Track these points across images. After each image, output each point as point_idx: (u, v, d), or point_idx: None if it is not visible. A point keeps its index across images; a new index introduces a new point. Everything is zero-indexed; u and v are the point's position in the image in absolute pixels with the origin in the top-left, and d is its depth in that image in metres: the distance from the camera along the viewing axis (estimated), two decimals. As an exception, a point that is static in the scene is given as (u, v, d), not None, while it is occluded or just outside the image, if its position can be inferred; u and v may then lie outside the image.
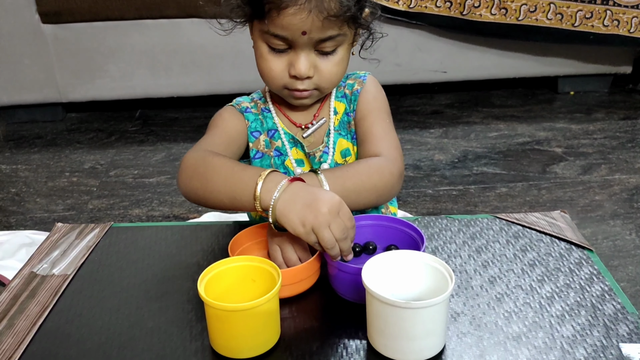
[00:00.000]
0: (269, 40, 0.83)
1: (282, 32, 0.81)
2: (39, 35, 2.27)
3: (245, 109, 0.96)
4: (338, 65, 0.86)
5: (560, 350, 0.65)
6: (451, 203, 1.82)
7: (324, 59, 0.85)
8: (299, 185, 0.75)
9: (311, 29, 0.80)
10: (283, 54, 0.84)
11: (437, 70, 2.47)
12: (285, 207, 0.73)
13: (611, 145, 2.17)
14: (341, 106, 0.96)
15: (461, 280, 0.77)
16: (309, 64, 0.84)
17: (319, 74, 0.85)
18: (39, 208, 1.85)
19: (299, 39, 0.81)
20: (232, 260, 0.70)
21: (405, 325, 0.63)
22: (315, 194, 0.73)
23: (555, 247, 0.84)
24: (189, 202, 1.84)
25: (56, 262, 0.84)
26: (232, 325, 0.64)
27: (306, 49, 0.83)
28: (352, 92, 0.96)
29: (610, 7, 2.31)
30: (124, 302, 0.75)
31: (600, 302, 0.73)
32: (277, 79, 0.86)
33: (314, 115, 0.95)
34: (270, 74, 0.86)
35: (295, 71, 0.84)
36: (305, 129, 0.95)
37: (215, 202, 0.81)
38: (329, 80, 0.87)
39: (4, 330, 0.71)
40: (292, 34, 0.81)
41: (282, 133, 0.94)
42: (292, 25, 0.79)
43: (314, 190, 0.74)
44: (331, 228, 0.71)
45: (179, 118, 2.52)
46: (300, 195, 0.73)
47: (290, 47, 0.84)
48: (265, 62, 0.86)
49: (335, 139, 0.95)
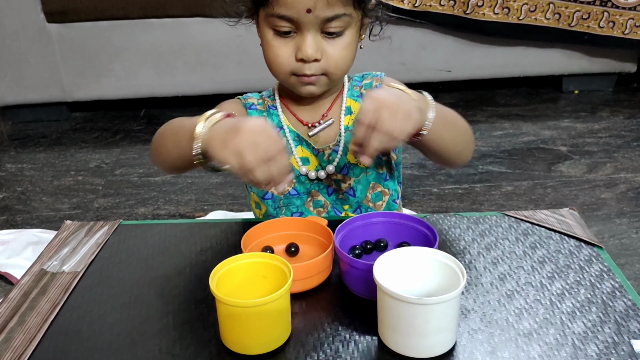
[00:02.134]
0: (274, 23, 0.83)
1: (287, 12, 0.80)
2: (44, 35, 2.27)
3: (250, 104, 0.96)
4: (345, 49, 0.85)
5: (572, 346, 0.65)
6: (457, 202, 1.82)
7: (331, 41, 0.84)
8: (231, 118, 0.74)
9: (316, 5, 0.79)
10: (289, 39, 0.84)
11: (442, 70, 2.47)
12: (211, 134, 0.72)
13: (616, 144, 2.17)
14: (357, 105, 0.95)
15: (471, 277, 0.77)
16: (315, 45, 0.83)
17: (327, 58, 0.84)
18: (45, 207, 1.86)
19: (305, 17, 0.80)
20: (244, 257, 0.70)
21: (416, 322, 0.63)
22: (240, 120, 0.72)
23: (565, 244, 0.84)
24: (194, 201, 1.85)
25: (66, 260, 0.84)
26: (244, 321, 0.64)
27: (312, 30, 0.82)
28: (372, 89, 0.96)
29: (608, 8, 2.31)
30: (135, 299, 0.75)
31: (611, 299, 0.73)
32: (284, 64, 0.85)
33: (323, 115, 0.94)
34: (276, 60, 0.85)
35: (302, 54, 0.83)
36: (312, 127, 0.94)
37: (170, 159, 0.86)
38: (336, 64, 0.86)
39: (16, 327, 0.71)
40: (297, 12, 0.80)
41: (287, 131, 0.94)
42: (296, 3, 0.79)
43: (242, 118, 0.74)
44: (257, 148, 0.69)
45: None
46: (227, 123, 0.73)
47: (296, 31, 0.83)
48: (271, 49, 0.85)
49: (347, 138, 0.94)
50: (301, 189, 0.96)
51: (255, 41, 0.90)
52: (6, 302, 0.76)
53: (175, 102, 2.60)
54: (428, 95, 0.82)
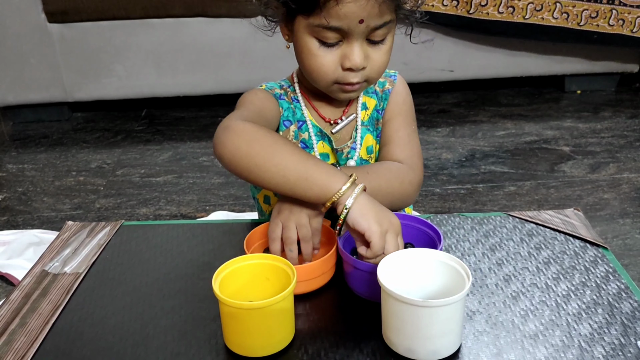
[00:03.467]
0: (321, 34, 0.80)
1: (339, 23, 0.78)
2: (45, 35, 2.27)
3: (279, 95, 0.94)
4: (387, 54, 0.85)
5: (578, 348, 0.65)
6: (459, 202, 1.81)
7: (375, 48, 0.83)
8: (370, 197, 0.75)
9: (369, 15, 0.78)
10: (334, 48, 0.82)
11: (444, 69, 2.46)
12: (363, 209, 0.72)
13: (619, 144, 2.16)
14: (372, 102, 0.95)
15: (476, 278, 0.77)
16: (363, 54, 0.82)
17: (371, 65, 0.83)
18: (46, 207, 1.85)
19: (356, 28, 0.79)
20: (247, 258, 0.70)
21: (421, 324, 0.62)
22: (385, 208, 0.74)
23: (570, 245, 0.84)
24: (196, 201, 1.84)
25: (67, 261, 0.83)
26: (247, 323, 0.64)
27: (360, 38, 0.81)
28: (383, 90, 0.96)
29: (616, 6, 2.30)
30: (137, 300, 0.75)
31: (617, 300, 0.72)
32: (329, 74, 0.83)
33: (344, 111, 0.94)
34: (321, 69, 0.83)
35: (351, 63, 0.81)
36: (334, 124, 0.94)
37: (273, 175, 0.74)
38: (379, 70, 0.85)
39: (17, 329, 0.70)
40: (349, 23, 0.78)
41: (311, 125, 0.93)
42: (351, 14, 0.77)
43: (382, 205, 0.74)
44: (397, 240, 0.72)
45: (185, 117, 2.52)
46: (375, 204, 0.74)
47: (342, 39, 0.81)
48: (315, 59, 0.83)
49: (362, 134, 0.94)
50: None
51: (257, 41, 0.88)
52: (7, 303, 0.75)
53: (176, 102, 2.59)
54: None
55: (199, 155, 2.17)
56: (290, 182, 0.74)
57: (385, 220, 0.72)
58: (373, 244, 0.70)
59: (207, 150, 2.20)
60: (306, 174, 0.73)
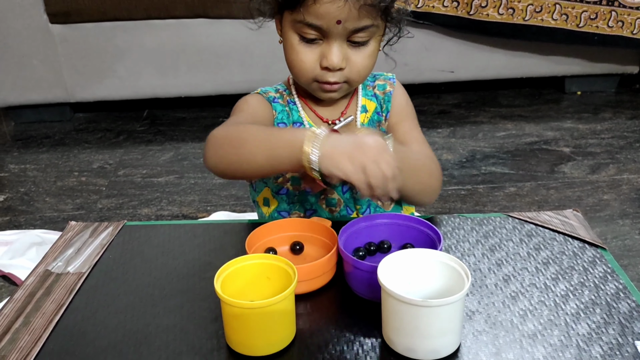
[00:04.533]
0: (301, 30, 0.82)
1: (317, 21, 0.80)
2: (47, 36, 2.28)
3: (272, 98, 0.95)
4: (369, 57, 0.86)
5: (576, 348, 0.65)
6: (460, 202, 1.82)
7: (356, 50, 0.84)
8: (340, 135, 0.72)
9: (347, 18, 0.79)
10: (314, 45, 0.84)
11: (445, 70, 2.47)
12: (331, 150, 0.69)
13: (619, 145, 2.17)
14: (371, 105, 0.96)
15: (475, 278, 0.78)
16: (341, 55, 0.83)
17: (350, 66, 0.85)
18: (49, 207, 1.86)
19: (334, 28, 0.80)
20: (248, 258, 0.70)
21: (421, 324, 0.63)
22: (358, 137, 0.71)
23: (569, 245, 0.84)
24: (197, 201, 1.85)
25: (71, 260, 0.84)
26: (249, 322, 0.65)
27: (339, 39, 0.82)
28: (385, 93, 0.96)
29: (616, 8, 2.31)
30: (139, 300, 0.76)
31: (615, 301, 0.73)
32: (308, 70, 0.85)
33: (342, 112, 0.95)
34: (300, 65, 0.85)
35: (328, 62, 0.83)
36: (332, 124, 0.95)
37: (250, 165, 0.78)
38: (359, 73, 0.86)
39: (21, 328, 0.71)
40: (327, 23, 0.80)
41: (307, 127, 0.94)
42: (328, 14, 0.79)
43: (355, 136, 0.71)
44: (379, 165, 0.68)
45: (186, 118, 2.52)
46: (344, 140, 0.71)
47: (322, 38, 0.83)
48: (295, 54, 0.85)
49: None
50: None
51: (258, 42, 0.90)
52: (11, 302, 0.76)
53: (178, 103, 2.60)
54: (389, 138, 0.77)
55: (200, 155, 2.18)
56: (265, 165, 0.77)
57: (358, 153, 0.68)
58: (358, 188, 0.69)
59: (208, 151, 2.21)
60: (272, 151, 0.76)
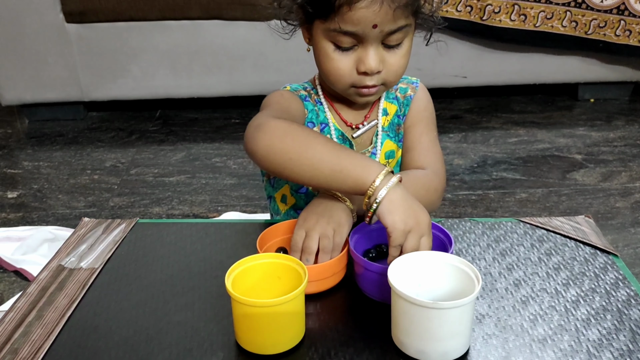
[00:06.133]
0: (336, 38, 0.82)
1: (353, 28, 0.79)
2: (63, 35, 2.30)
3: (304, 97, 0.95)
4: (404, 57, 0.85)
5: (587, 353, 0.65)
6: (470, 208, 1.81)
7: (391, 52, 0.84)
8: (404, 190, 0.73)
9: (383, 21, 0.79)
10: (350, 52, 0.83)
11: (458, 75, 2.47)
12: (393, 203, 0.71)
13: (632, 153, 2.15)
14: (392, 108, 0.96)
15: (486, 282, 0.77)
16: (378, 58, 0.83)
17: (387, 68, 0.85)
18: (61, 204, 1.88)
19: (370, 32, 0.80)
20: (259, 257, 0.71)
21: (431, 326, 0.63)
22: (418, 205, 0.72)
23: (580, 251, 0.84)
24: (208, 201, 1.85)
25: (84, 256, 0.85)
26: (258, 321, 0.65)
27: (375, 43, 0.82)
28: (405, 96, 0.96)
29: (625, 17, 2.31)
30: (151, 296, 0.76)
31: (626, 307, 0.72)
32: (345, 77, 0.85)
33: (365, 116, 0.95)
34: (337, 72, 0.85)
35: (366, 67, 0.82)
36: (355, 128, 0.95)
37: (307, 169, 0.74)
38: (396, 73, 0.86)
39: (34, 321, 0.72)
40: (363, 29, 0.79)
41: (333, 129, 0.94)
42: (364, 19, 0.78)
43: (416, 201, 0.73)
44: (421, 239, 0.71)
45: (198, 119, 2.54)
46: (406, 199, 0.72)
47: (357, 44, 0.82)
48: (331, 62, 0.84)
49: (382, 139, 0.95)
50: None
51: (272, 44, 0.90)
52: (24, 296, 0.77)
53: (190, 104, 2.61)
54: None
55: (211, 156, 2.19)
56: (324, 175, 0.74)
57: (412, 219, 0.70)
58: (392, 239, 0.70)
59: (220, 152, 2.22)
60: (340, 165, 0.73)
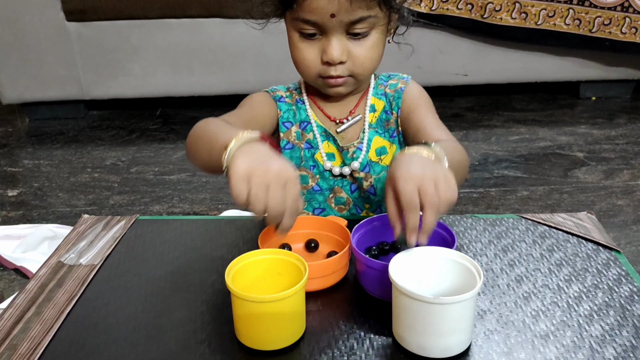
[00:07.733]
0: (299, 26, 0.84)
1: (312, 17, 0.81)
2: (63, 33, 2.30)
3: (279, 97, 0.96)
4: (371, 49, 0.85)
5: (589, 349, 0.65)
6: (472, 205, 1.81)
7: (357, 43, 0.84)
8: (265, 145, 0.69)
9: (339, 10, 0.79)
10: (315, 41, 0.84)
11: (458, 74, 2.46)
12: (241, 152, 0.66)
13: (633, 151, 2.15)
14: (380, 103, 0.95)
15: (488, 278, 0.77)
16: (341, 48, 0.83)
17: (353, 59, 0.85)
18: (61, 202, 1.87)
19: (329, 22, 0.81)
20: (259, 253, 0.70)
21: (432, 321, 0.62)
22: (274, 156, 0.67)
23: (582, 247, 0.83)
24: (209, 200, 1.85)
25: (83, 253, 0.84)
26: (259, 317, 0.65)
27: (337, 33, 0.83)
28: (395, 90, 0.95)
29: (630, 14, 2.30)
30: (151, 292, 0.76)
31: (629, 303, 0.72)
32: (311, 67, 0.86)
33: (350, 112, 0.95)
34: (303, 62, 0.86)
35: (328, 56, 0.83)
36: (339, 123, 0.95)
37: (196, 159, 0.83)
38: (363, 65, 0.86)
39: (33, 317, 0.71)
40: (322, 18, 0.81)
41: (315, 126, 0.95)
42: (320, 9, 0.80)
43: (275, 154, 0.67)
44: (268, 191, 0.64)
45: (199, 117, 2.49)
46: (260, 150, 0.67)
47: (321, 33, 0.83)
48: (297, 51, 0.86)
49: (370, 136, 0.95)
50: (324, 185, 0.96)
51: (272, 42, 0.91)
52: (23, 293, 0.76)
53: (191, 102, 2.61)
54: (437, 147, 0.73)
55: (212, 154, 2.18)
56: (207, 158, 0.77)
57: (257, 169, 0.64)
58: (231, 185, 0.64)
59: (220, 150, 2.21)
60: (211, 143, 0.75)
